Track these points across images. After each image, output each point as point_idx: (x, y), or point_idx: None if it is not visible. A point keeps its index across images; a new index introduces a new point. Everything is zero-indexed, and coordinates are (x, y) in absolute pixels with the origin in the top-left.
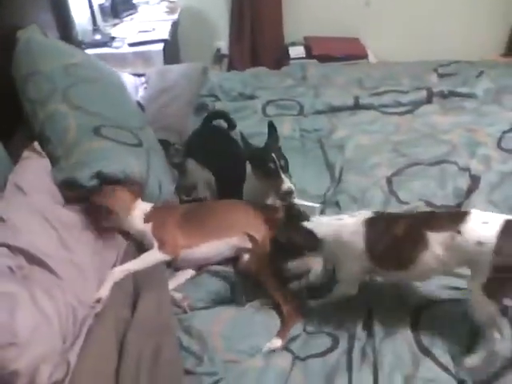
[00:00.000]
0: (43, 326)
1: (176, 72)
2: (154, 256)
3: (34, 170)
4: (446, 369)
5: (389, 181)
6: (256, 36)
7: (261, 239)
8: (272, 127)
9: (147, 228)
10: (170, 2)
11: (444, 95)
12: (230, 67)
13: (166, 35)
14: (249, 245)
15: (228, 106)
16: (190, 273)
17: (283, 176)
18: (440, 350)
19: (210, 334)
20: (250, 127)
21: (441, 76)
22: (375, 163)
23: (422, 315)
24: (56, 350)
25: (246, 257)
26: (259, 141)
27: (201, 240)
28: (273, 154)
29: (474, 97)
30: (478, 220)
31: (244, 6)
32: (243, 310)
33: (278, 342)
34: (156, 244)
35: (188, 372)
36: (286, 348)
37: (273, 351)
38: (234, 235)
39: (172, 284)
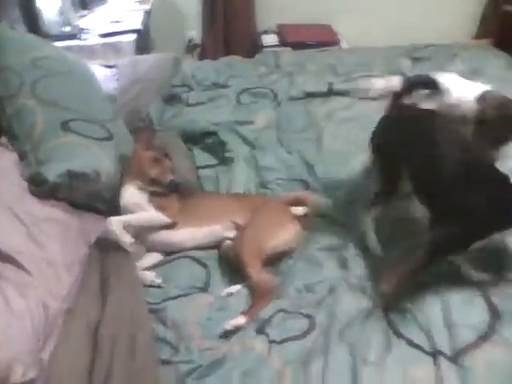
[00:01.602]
0: (15, 326)
1: (147, 62)
2: (153, 215)
3: (2, 164)
4: (419, 347)
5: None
6: (228, 25)
7: (244, 223)
8: None
9: (143, 200)
10: None
11: None
12: (203, 57)
13: (138, 25)
14: (232, 233)
15: (201, 96)
16: (157, 257)
17: None
18: (412, 329)
19: (185, 323)
20: (224, 115)
21: (415, 60)
22: (351, 151)
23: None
24: (29, 348)
25: (228, 242)
26: (233, 129)
27: (181, 225)
28: None
29: None
30: None
31: None
32: (220, 296)
33: (241, 320)
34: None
35: (164, 362)
36: (260, 331)
37: (247, 335)
38: (215, 224)
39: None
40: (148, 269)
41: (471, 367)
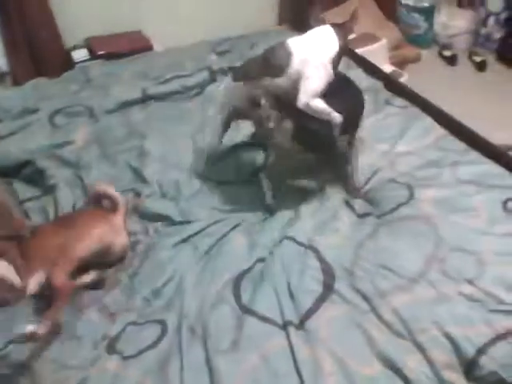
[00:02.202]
0: None
1: None
2: None
3: None
4: (268, 320)
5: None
6: (33, 46)
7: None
8: None
9: None
10: None
11: (224, 71)
12: (16, 84)
13: None
14: None
15: (12, 126)
16: None
17: None
18: (260, 304)
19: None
20: (38, 141)
21: (219, 54)
22: (179, 155)
23: (243, 279)
24: None
25: None
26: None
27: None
28: None
29: None
30: None
31: (11, 17)
32: None
33: (30, 328)
34: None
35: None
36: (111, 351)
37: (99, 359)
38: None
39: None
40: None
41: (315, 329)
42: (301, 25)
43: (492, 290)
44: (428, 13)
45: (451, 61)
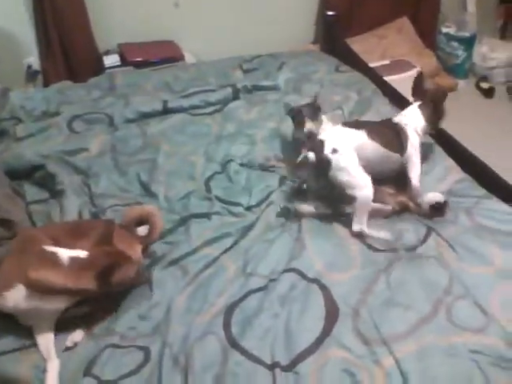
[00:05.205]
0: None
1: None
2: None
3: None
4: (255, 358)
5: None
6: (67, 48)
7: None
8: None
9: None
10: None
11: (248, 90)
12: (46, 84)
13: None
14: None
15: (31, 128)
16: None
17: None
18: (250, 339)
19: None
20: (53, 146)
21: (245, 71)
22: (191, 170)
23: (235, 311)
24: None
25: None
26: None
27: None
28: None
29: (276, 88)
30: None
31: (47, 18)
32: None
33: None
34: None
35: None
36: (87, 373)
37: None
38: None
39: None
40: None
41: (305, 374)
42: (332, 46)
43: (495, 343)
44: (468, 43)
45: (488, 93)
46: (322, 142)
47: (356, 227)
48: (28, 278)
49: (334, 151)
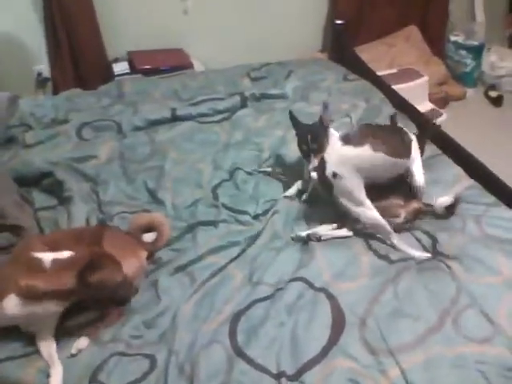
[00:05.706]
0: None
1: None
2: None
3: None
4: (261, 367)
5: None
6: (76, 55)
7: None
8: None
9: None
10: None
11: (256, 98)
12: (56, 91)
13: None
14: None
15: (40, 135)
16: None
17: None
18: (256, 348)
19: None
20: (62, 153)
21: (253, 80)
22: (198, 178)
23: (241, 320)
24: None
25: None
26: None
27: None
28: (308, 136)
29: (284, 97)
30: None
31: (57, 25)
32: None
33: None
34: None
35: None
36: (94, 380)
37: None
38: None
39: None
40: None
41: (311, 383)
42: (341, 54)
43: (502, 354)
44: (477, 51)
45: (497, 102)
46: (324, 163)
47: (388, 242)
48: (18, 286)
49: (334, 176)
